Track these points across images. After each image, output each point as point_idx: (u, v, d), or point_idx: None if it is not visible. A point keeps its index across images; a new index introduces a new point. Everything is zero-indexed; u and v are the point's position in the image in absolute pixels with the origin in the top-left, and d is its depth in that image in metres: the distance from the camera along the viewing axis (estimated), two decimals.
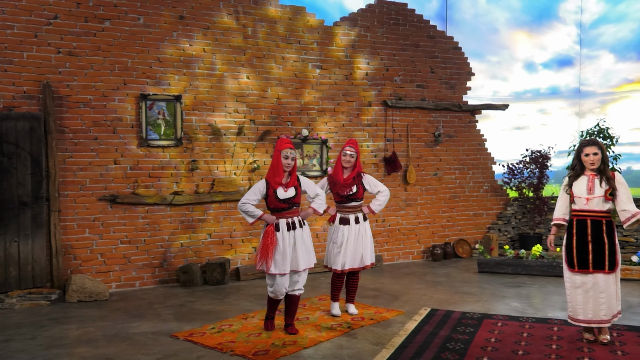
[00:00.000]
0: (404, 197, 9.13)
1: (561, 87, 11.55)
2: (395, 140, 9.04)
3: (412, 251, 9.20)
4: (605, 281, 4.66)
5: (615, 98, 11.17)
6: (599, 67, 11.19)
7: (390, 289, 7.11)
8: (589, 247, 4.70)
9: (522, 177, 9.52)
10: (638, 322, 5.44)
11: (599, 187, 4.70)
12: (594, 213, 4.71)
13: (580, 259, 4.72)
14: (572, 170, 4.89)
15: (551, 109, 11.72)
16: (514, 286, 7.17)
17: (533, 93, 11.65)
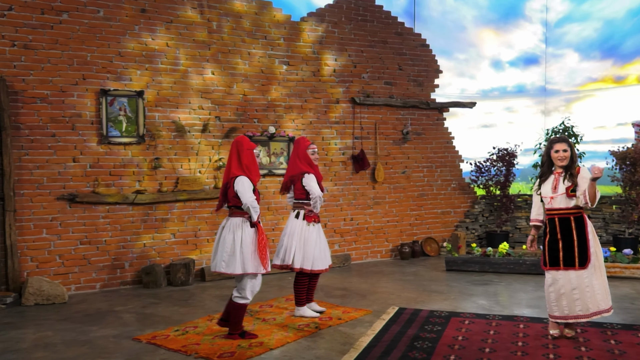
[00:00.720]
0: (372, 195, 9.20)
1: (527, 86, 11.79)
2: (363, 138, 9.09)
3: (381, 250, 9.27)
4: (577, 278, 4.78)
5: (580, 96, 11.45)
6: (564, 65, 11.46)
7: (358, 288, 7.15)
8: (559, 244, 4.83)
9: (489, 175, 9.70)
10: (602, 318, 5.60)
11: (562, 185, 4.82)
12: (560, 211, 4.82)
13: (551, 257, 4.86)
14: (542, 168, 5.01)
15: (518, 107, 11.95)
16: (481, 284, 7.30)
17: (500, 91, 11.87)
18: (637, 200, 8.78)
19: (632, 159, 8.69)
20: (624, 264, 7.54)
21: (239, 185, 4.85)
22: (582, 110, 11.22)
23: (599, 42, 11.20)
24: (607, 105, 10.95)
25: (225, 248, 4.86)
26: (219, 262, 4.88)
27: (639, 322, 5.51)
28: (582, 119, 10.40)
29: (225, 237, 4.88)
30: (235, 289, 4.98)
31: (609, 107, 10.92)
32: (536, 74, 11.59)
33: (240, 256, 4.82)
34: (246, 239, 4.86)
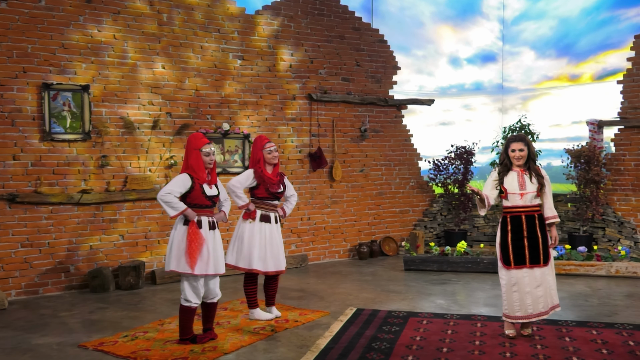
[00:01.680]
0: (329, 194, 9.24)
1: (485, 83, 12.06)
2: (320, 136, 9.12)
3: (338, 250, 9.33)
4: (541, 274, 4.95)
5: (536, 94, 11.80)
6: (521, 63, 11.77)
7: (316, 289, 7.18)
8: (524, 242, 4.94)
9: (447, 173, 9.88)
10: (558, 316, 5.79)
11: (530, 183, 4.96)
12: (528, 208, 4.96)
13: (516, 255, 4.96)
14: (501, 165, 5.11)
15: (475, 104, 12.21)
16: (439, 283, 7.44)
17: (458, 88, 12.10)
18: (591, 198, 9.09)
19: (587, 157, 9.00)
20: (578, 261, 7.81)
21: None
22: (538, 108, 11.56)
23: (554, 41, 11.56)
24: (562, 104, 11.31)
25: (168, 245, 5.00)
26: None
27: (593, 318, 5.72)
28: (539, 117, 10.72)
29: None
30: None
31: (564, 106, 11.29)
32: (493, 72, 11.87)
33: (173, 253, 4.87)
34: (177, 236, 4.87)
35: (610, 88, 9.64)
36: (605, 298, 6.57)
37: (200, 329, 5.22)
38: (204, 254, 4.88)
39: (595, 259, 7.84)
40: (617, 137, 9.33)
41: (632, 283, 7.32)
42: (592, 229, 9.50)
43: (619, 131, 9.32)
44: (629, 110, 9.10)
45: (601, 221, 9.41)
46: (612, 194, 9.36)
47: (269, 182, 5.58)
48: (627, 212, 9.15)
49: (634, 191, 9.07)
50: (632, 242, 8.94)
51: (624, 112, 9.18)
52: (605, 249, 9.21)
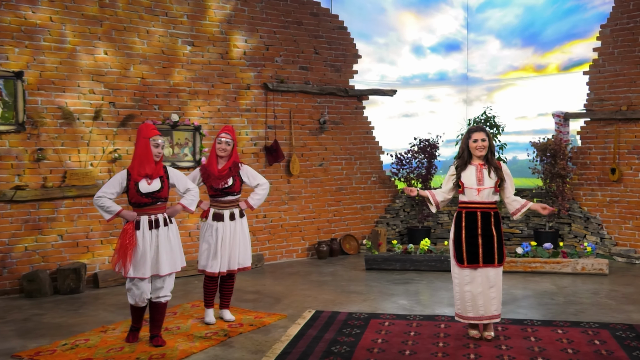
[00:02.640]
0: (287, 190, 9.23)
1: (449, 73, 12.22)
2: (277, 128, 9.09)
3: (296, 249, 9.33)
4: (495, 275, 5.00)
5: (502, 85, 12.03)
6: (486, 53, 11.97)
7: (272, 290, 7.17)
8: (478, 240, 5.00)
9: (410, 168, 9.99)
10: (523, 315, 5.94)
11: (488, 178, 5.01)
12: (484, 205, 5.02)
13: (470, 254, 5.01)
14: (459, 159, 5.16)
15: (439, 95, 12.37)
16: (402, 283, 7.52)
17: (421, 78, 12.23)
18: (557, 193, 9.34)
19: (553, 151, 9.23)
20: (544, 258, 8.02)
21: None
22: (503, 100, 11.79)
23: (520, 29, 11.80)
24: (528, 95, 11.57)
25: None
26: None
27: (559, 317, 5.88)
28: (504, 108, 10.93)
29: None
30: None
31: (530, 97, 11.54)
32: (458, 61, 12.05)
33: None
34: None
35: (576, 79, 9.89)
36: (571, 296, 6.76)
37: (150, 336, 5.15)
38: (138, 256, 4.87)
39: (561, 256, 8.06)
40: (583, 129, 9.60)
41: (597, 280, 7.56)
42: (558, 224, 9.76)
43: (585, 124, 9.59)
44: (595, 102, 9.37)
45: (567, 217, 9.67)
46: (578, 189, 9.63)
47: (212, 177, 5.56)
48: (593, 208, 9.43)
49: (600, 186, 9.35)
50: (598, 238, 9.22)
51: (590, 104, 9.45)
52: (571, 245, 9.48)
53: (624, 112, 8.90)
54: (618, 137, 9.04)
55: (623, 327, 5.46)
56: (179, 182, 5.18)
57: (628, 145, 8.98)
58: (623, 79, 9.03)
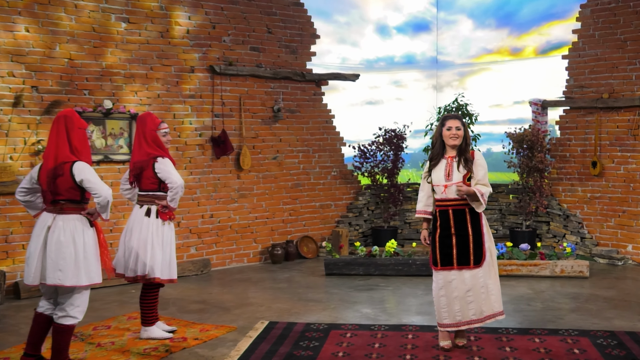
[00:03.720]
0: (236, 186, 9.19)
1: (417, 56, 12.34)
2: (225, 116, 9.04)
3: (247, 252, 9.31)
4: (472, 278, 5.08)
5: (475, 70, 12.20)
6: (457, 34, 12.11)
7: (220, 300, 7.14)
8: (452, 240, 5.10)
9: (375, 161, 10.06)
10: (498, 323, 6.05)
11: (457, 172, 5.08)
12: (455, 202, 5.10)
13: (443, 255, 5.10)
14: (432, 150, 5.24)
15: (407, 80, 12.47)
16: (365, 289, 7.58)
17: (387, 62, 12.31)
18: (534, 189, 9.54)
19: (530, 142, 9.42)
20: (520, 260, 8.19)
21: (88, 174, 4.72)
22: (477, 86, 11.95)
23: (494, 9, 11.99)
24: (503, 81, 11.76)
25: (62, 254, 4.64)
26: (53, 273, 4.64)
27: (536, 325, 6.02)
28: (477, 96, 11.08)
29: (60, 240, 4.67)
30: (59, 307, 4.75)
31: (505, 83, 11.74)
32: (427, 43, 12.17)
33: (84, 264, 4.71)
34: (89, 241, 4.76)
35: (555, 64, 10.10)
36: (549, 301, 6.93)
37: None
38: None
39: (538, 258, 8.25)
40: (562, 119, 9.83)
41: (578, 283, 7.76)
42: (536, 223, 9.98)
43: (565, 112, 9.82)
44: (575, 89, 9.60)
45: (545, 215, 9.90)
46: (557, 184, 9.86)
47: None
48: (573, 204, 9.68)
49: (580, 180, 9.59)
50: (578, 238, 9.47)
51: (570, 91, 9.68)
52: (549, 246, 9.70)
53: (605, 100, 9.15)
54: (599, 127, 9.28)
55: (604, 335, 5.63)
56: None
57: (610, 137, 9.23)
58: (604, 64, 9.27)
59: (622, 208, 9.11)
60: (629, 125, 9.01)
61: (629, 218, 9.03)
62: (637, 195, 8.95)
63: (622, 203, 9.12)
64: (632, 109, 8.97)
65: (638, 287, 7.65)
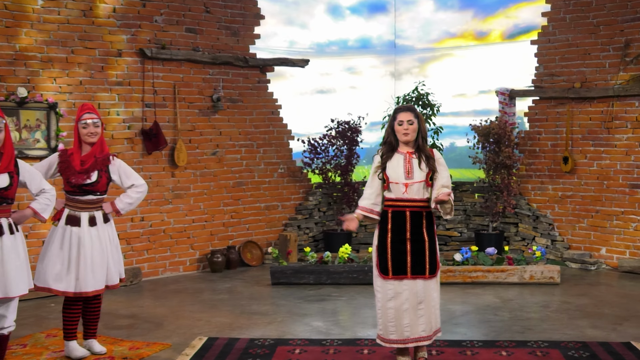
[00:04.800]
0: (170, 185, 9.13)
1: (373, 40, 12.44)
2: (157, 106, 8.97)
3: (184, 260, 9.26)
4: (424, 289, 5.11)
5: (436, 56, 12.38)
6: (417, 15, 12.25)
7: (153, 314, 7.10)
8: (407, 246, 5.09)
9: (327, 157, 10.10)
10: (461, 335, 6.17)
11: (419, 170, 5.09)
12: (414, 203, 5.11)
13: (396, 262, 5.09)
14: (385, 145, 5.25)
15: (362, 67, 12.56)
16: (316, 300, 7.63)
17: (340, 46, 12.38)
18: (502, 187, 9.71)
19: (496, 136, 9.58)
20: (486, 266, 8.34)
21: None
22: (439, 74, 12.13)
23: None
24: (467, 68, 11.96)
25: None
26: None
27: (503, 337, 6.16)
28: (439, 84, 11.23)
29: None
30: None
31: (470, 71, 11.93)
32: (384, 25, 12.29)
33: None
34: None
35: (523, 50, 10.31)
36: (517, 310, 7.09)
37: None
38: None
39: (506, 263, 8.42)
40: (532, 110, 10.05)
41: (548, 291, 7.96)
42: (503, 225, 10.18)
43: (534, 103, 10.04)
44: (545, 77, 9.82)
45: (514, 215, 10.11)
46: (526, 182, 10.08)
47: (71, 169, 5.46)
48: (543, 204, 9.91)
49: (550, 178, 9.81)
50: (548, 241, 9.69)
51: (539, 80, 9.90)
52: (518, 249, 9.91)
53: (577, 89, 9.39)
54: (571, 119, 9.52)
55: (576, 346, 5.79)
56: (33, 181, 5.05)
57: (582, 130, 9.48)
58: (576, 50, 9.51)
59: (595, 208, 9.37)
60: (603, 117, 9.27)
61: (603, 219, 9.29)
62: (611, 193, 9.22)
63: (595, 202, 9.37)
64: (605, 100, 9.23)
65: (612, 293, 7.89)
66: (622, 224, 9.09)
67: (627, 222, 9.04)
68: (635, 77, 8.94)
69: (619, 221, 9.12)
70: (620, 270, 8.95)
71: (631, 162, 9.04)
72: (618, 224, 9.13)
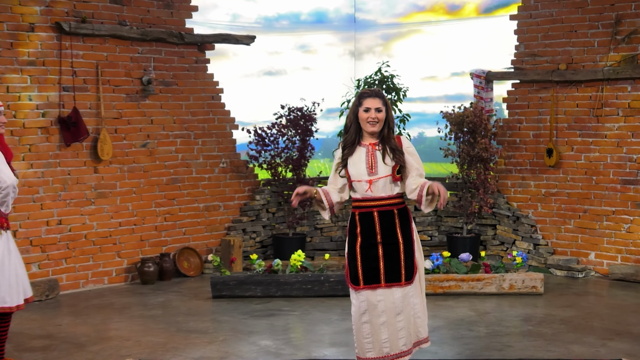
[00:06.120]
0: (93, 183, 9.04)
1: (330, 14, 12.44)
2: (77, 90, 8.88)
3: (109, 270, 9.18)
4: (403, 298, 5.11)
5: (403, 33, 12.41)
6: None
7: (72, 333, 7.03)
8: (379, 251, 5.11)
9: (276, 149, 10.09)
10: (432, 354, 6.19)
11: (383, 164, 5.11)
12: (382, 201, 5.12)
13: (367, 270, 5.09)
14: (346, 135, 5.25)
15: (316, 45, 12.54)
16: (265, 315, 7.63)
17: (291, 20, 12.36)
18: (477, 184, 9.79)
19: (471, 124, 9.65)
20: (460, 274, 8.42)
21: None
22: (405, 53, 12.17)
23: None
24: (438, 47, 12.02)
25: None
26: None
27: (478, 355, 6.23)
28: (406, 65, 11.26)
29: None
30: None
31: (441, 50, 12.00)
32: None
33: None
34: None
35: (501, 26, 10.39)
36: (495, 325, 7.17)
37: None
38: None
39: (482, 271, 8.50)
40: (511, 95, 10.16)
41: (530, 302, 8.07)
42: (480, 227, 10.28)
43: (514, 87, 10.15)
44: (526, 57, 9.93)
45: (491, 216, 10.21)
46: (505, 177, 10.19)
47: None
48: (525, 203, 10.03)
49: (532, 173, 9.93)
50: (530, 245, 9.81)
51: (519, 61, 10.01)
52: (496, 255, 10.02)
53: (563, 72, 9.51)
54: (555, 106, 9.64)
55: None
56: None
57: (568, 118, 9.62)
58: (561, 27, 9.63)
59: (583, 207, 9.51)
60: (591, 103, 9.40)
61: (592, 219, 9.43)
62: (601, 190, 9.35)
63: (583, 201, 9.51)
64: (594, 84, 9.36)
65: (602, 304, 8.04)
66: (613, 225, 9.24)
67: (619, 223, 9.18)
68: (627, 57, 9.09)
69: (610, 222, 9.27)
70: (611, 278, 9.10)
71: (623, 155, 9.18)
72: (609, 225, 9.28)
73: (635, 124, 9.08)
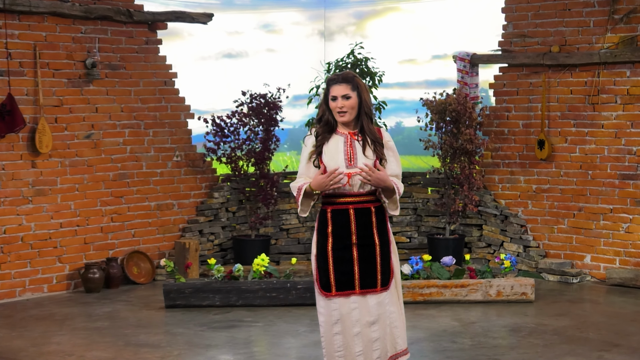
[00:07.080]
0: (31, 179, 8.99)
1: None
2: (12, 74, 8.82)
3: (49, 277, 9.14)
4: (378, 306, 5.10)
5: (378, 10, 12.43)
6: None
7: (7, 347, 7.01)
8: (353, 253, 5.09)
9: (237, 141, 10.07)
10: None
11: (363, 156, 5.08)
12: (359, 198, 5.11)
13: (340, 275, 5.07)
14: (319, 125, 5.20)
15: (282, 24, 12.52)
16: (224, 327, 7.63)
17: None
18: (461, 179, 9.83)
19: (455, 113, 9.68)
20: (442, 280, 8.46)
21: None
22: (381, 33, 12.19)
23: None
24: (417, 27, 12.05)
25: None
26: None
27: None
28: (382, 47, 11.29)
29: None
30: None
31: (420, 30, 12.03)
32: None
33: None
34: None
35: (487, 3, 10.44)
36: (481, 336, 7.23)
37: None
38: None
39: (467, 276, 8.54)
40: (499, 80, 10.21)
41: (519, 310, 8.13)
42: (464, 227, 10.33)
43: (501, 72, 10.20)
44: (515, 39, 9.98)
45: (476, 215, 10.26)
46: (492, 172, 10.24)
47: None
48: (514, 201, 10.09)
49: (522, 167, 9.98)
50: (520, 247, 9.87)
51: (507, 42, 10.06)
52: (482, 258, 10.07)
53: (555, 54, 9.57)
54: (547, 92, 9.69)
55: None
56: None
57: (561, 106, 9.68)
58: (553, 5, 9.68)
59: (578, 205, 9.58)
60: (587, 90, 9.46)
61: (587, 218, 9.50)
62: (598, 186, 9.43)
63: (578, 198, 9.58)
64: (590, 68, 9.42)
65: (598, 312, 8.12)
66: (610, 225, 9.32)
67: (617, 223, 9.26)
68: (625, 39, 9.15)
69: (607, 221, 9.34)
70: (609, 283, 9.18)
71: (621, 147, 9.24)
72: (606, 224, 9.35)
73: (635, 112, 9.14)
